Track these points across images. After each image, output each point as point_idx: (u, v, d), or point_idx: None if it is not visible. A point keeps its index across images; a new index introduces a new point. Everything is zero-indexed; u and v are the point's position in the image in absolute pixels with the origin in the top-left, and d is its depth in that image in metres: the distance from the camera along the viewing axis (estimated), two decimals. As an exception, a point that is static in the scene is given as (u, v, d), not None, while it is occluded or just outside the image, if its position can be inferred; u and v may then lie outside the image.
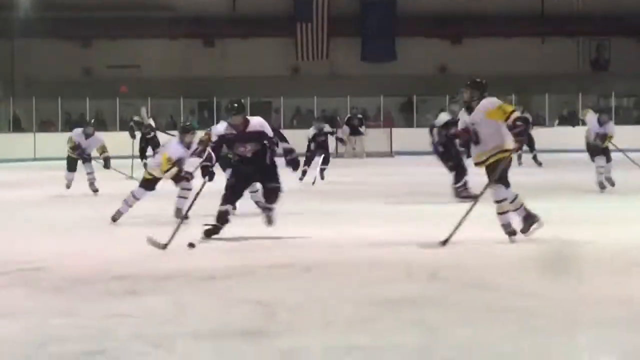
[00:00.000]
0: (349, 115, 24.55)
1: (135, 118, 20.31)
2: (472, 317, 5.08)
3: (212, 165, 8.46)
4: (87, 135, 14.68)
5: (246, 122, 8.38)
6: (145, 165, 17.79)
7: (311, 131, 17.61)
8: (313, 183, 16.18)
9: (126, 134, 20.49)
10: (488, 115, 7.75)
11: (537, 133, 22.23)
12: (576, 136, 21.63)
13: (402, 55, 31.87)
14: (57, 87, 29.63)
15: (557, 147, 23.39)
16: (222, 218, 8.24)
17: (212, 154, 8.52)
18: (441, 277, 6.54)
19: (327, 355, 4.37)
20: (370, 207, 12.55)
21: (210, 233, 8.14)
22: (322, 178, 17.23)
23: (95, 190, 14.58)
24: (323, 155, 17.51)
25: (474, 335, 4.62)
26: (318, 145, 17.53)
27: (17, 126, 31.10)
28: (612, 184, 13.79)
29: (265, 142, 8.52)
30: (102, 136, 15.60)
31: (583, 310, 5.25)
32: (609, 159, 13.90)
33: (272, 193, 8.50)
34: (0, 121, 31.72)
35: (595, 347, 4.48)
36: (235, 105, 8.56)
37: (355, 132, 22.76)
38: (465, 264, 6.98)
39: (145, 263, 7.31)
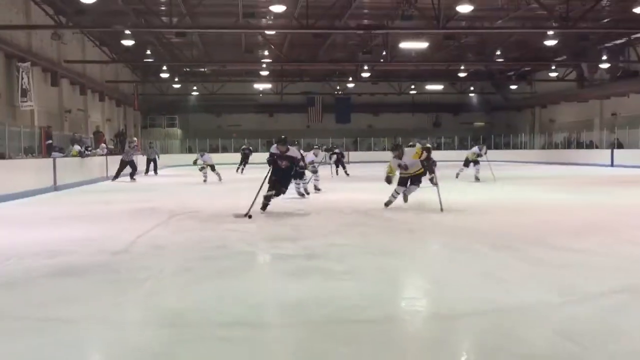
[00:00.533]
0: (331, 145, 27.57)
1: (243, 147, 25.80)
2: (385, 232, 7.18)
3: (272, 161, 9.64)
4: (202, 155, 18.42)
5: (286, 149, 9.63)
6: (242, 170, 23.12)
7: (337, 151, 21.10)
8: (332, 176, 19.04)
9: (237, 154, 27.09)
10: (413, 157, 9.72)
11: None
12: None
13: (353, 120, 41.42)
14: (205, 133, 39.14)
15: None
16: (269, 198, 9.44)
17: (269, 158, 9.76)
18: (371, 214, 9.01)
19: (324, 248, 6.17)
20: (350, 185, 16.26)
21: (264, 207, 9.35)
22: (348, 174, 20.65)
23: (204, 180, 17.89)
24: (342, 163, 20.91)
25: (385, 239, 6.64)
26: (341, 156, 21.10)
27: (189, 150, 37.01)
28: (478, 179, 16.25)
29: (293, 161, 9.77)
30: (211, 157, 18.76)
31: (440, 233, 7.43)
32: (476, 165, 16.62)
33: (279, 191, 9.69)
34: (182, 148, 39.03)
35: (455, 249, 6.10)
36: (282, 138, 9.77)
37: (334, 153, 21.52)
38: (383, 211, 9.36)
39: (244, 208, 9.25)
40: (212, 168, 17.92)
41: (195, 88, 38.49)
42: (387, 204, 9.85)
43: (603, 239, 6.78)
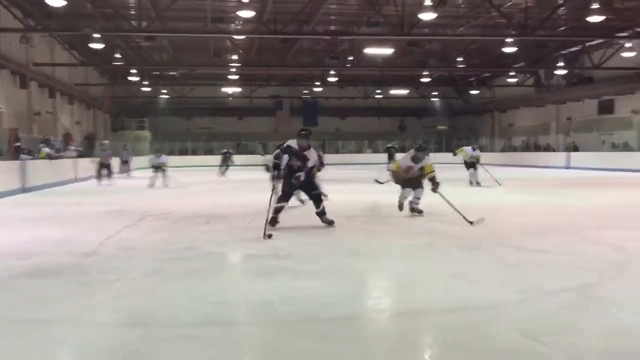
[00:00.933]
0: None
1: (224, 150, 24.43)
2: (355, 233, 7.39)
3: (279, 164, 7.74)
4: (158, 157, 17.01)
5: (307, 147, 7.70)
6: (224, 172, 22.40)
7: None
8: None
9: (210, 156, 28.93)
10: (426, 168, 8.68)
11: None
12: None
13: (320, 123, 40.79)
14: (175, 136, 39.55)
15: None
16: (279, 211, 7.72)
17: (280, 154, 7.80)
18: (341, 215, 8.67)
19: (293, 249, 6.24)
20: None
21: (274, 222, 7.59)
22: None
23: (151, 185, 16.18)
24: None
25: (355, 240, 6.82)
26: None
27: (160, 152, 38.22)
28: (479, 184, 15.25)
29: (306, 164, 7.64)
30: (167, 158, 17.44)
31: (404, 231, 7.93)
32: (476, 169, 15.39)
33: (315, 198, 7.91)
34: (151, 151, 33.16)
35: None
36: (303, 132, 7.88)
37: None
38: (353, 212, 9.35)
39: (214, 210, 9.61)
40: (164, 171, 16.68)
41: (165, 91, 38.08)
42: (401, 207, 9.02)
43: (563, 239, 6.90)
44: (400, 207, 9.00)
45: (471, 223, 7.60)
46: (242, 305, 4.30)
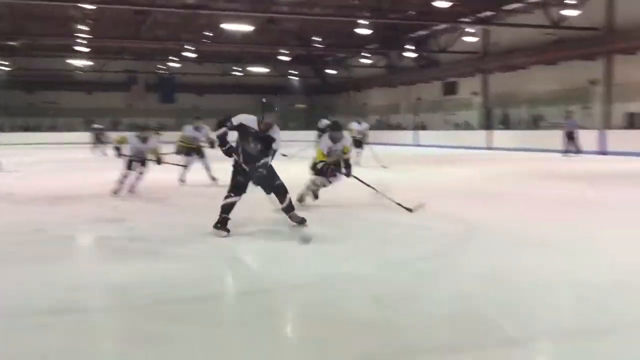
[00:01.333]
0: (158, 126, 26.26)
1: (94, 126, 23.68)
2: (216, 212, 6.03)
3: (230, 145, 5.85)
4: None
5: (270, 126, 5.84)
6: (103, 152, 20.34)
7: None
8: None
9: (56, 133, 29.38)
10: (344, 149, 7.62)
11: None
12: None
13: (178, 100, 40.79)
14: (15, 111, 36.80)
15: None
16: (230, 209, 5.99)
17: (227, 132, 5.74)
18: (205, 195, 9.40)
19: (150, 230, 6.04)
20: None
21: (224, 223, 5.91)
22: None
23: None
24: None
25: (215, 218, 5.91)
26: None
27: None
28: (358, 164, 13.10)
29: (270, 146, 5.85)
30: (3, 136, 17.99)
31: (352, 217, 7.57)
32: (362, 148, 14.53)
33: (279, 191, 6.21)
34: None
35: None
36: (271, 105, 5.91)
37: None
38: (219, 192, 8.91)
39: (63, 190, 9.27)
40: None
41: (6, 63, 34.45)
42: (301, 199, 7.68)
43: (415, 213, 7.10)
44: (315, 196, 7.96)
45: (410, 210, 7.08)
46: (96, 290, 4.12)
